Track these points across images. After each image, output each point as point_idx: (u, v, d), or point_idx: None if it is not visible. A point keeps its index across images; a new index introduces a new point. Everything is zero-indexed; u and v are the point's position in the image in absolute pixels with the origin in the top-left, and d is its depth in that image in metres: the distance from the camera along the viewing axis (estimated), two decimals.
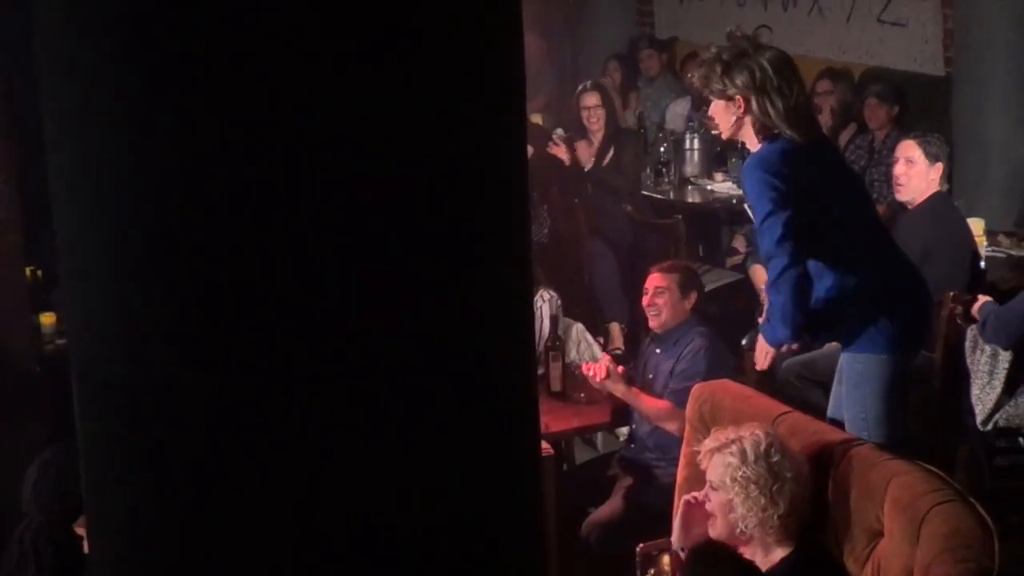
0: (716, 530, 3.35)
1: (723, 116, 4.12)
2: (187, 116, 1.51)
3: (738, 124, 4.08)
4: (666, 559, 3.53)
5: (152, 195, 1.54)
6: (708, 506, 3.37)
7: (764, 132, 4.04)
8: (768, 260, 4.02)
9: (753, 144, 4.09)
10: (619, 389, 4.73)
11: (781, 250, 3.93)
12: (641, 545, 3.48)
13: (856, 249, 4.13)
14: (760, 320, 4.30)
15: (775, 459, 3.25)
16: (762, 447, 3.26)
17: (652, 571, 3.58)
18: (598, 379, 4.75)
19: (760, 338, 4.23)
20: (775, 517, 3.24)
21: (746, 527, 3.27)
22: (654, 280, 4.89)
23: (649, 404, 4.71)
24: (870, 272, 4.12)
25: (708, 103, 4.32)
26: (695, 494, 3.51)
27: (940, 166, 5.47)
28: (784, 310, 3.99)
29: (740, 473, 3.24)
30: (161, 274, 1.55)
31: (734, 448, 3.28)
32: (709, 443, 3.39)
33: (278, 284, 1.53)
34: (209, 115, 1.50)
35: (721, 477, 3.30)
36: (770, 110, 3.99)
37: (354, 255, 1.54)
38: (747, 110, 4.03)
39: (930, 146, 5.45)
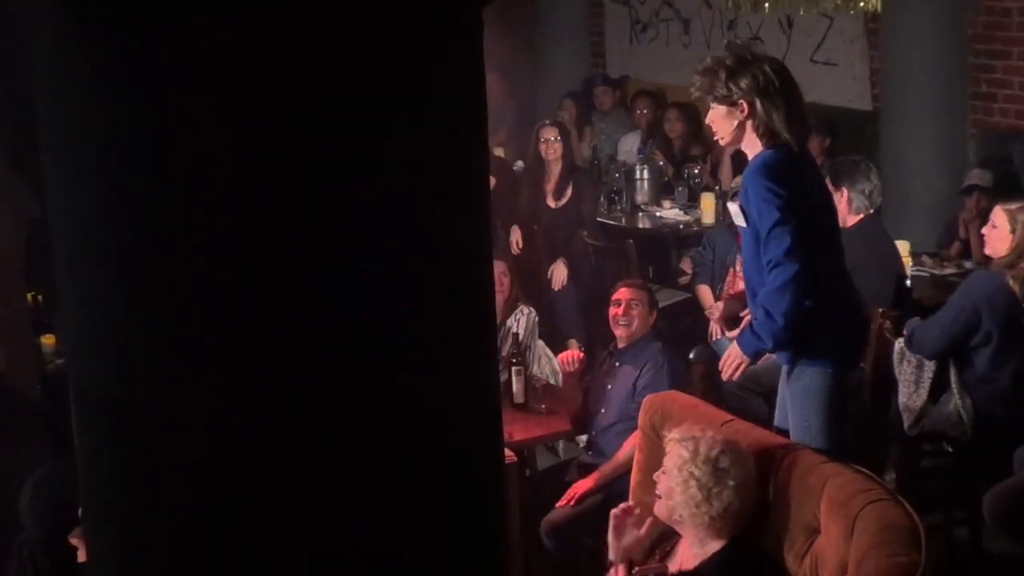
0: (658, 509, 3.41)
1: (724, 123, 3.97)
2: (169, 122, 1.48)
3: (740, 129, 3.94)
4: None
5: (139, 208, 1.51)
6: (657, 489, 3.40)
7: (766, 137, 3.92)
8: (772, 268, 3.79)
9: (754, 149, 3.95)
10: (592, 483, 4.54)
11: (790, 259, 3.75)
12: (636, 569, 3.48)
13: (828, 264, 3.99)
14: (714, 335, 4.14)
15: (722, 465, 3.27)
16: (714, 452, 3.29)
17: None
18: (570, 368, 4.97)
19: (733, 347, 4.01)
20: (706, 515, 3.28)
21: (680, 516, 3.32)
22: (626, 293, 4.88)
23: (623, 453, 4.50)
24: (834, 288, 4.00)
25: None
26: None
27: None
28: (788, 316, 3.78)
29: (687, 467, 3.29)
30: (152, 286, 1.53)
31: (690, 444, 3.32)
32: (675, 434, 3.42)
33: (261, 293, 1.52)
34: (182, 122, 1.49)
35: (671, 465, 3.34)
36: (773, 113, 3.88)
37: (318, 269, 1.53)
38: (751, 114, 3.90)
39: None
